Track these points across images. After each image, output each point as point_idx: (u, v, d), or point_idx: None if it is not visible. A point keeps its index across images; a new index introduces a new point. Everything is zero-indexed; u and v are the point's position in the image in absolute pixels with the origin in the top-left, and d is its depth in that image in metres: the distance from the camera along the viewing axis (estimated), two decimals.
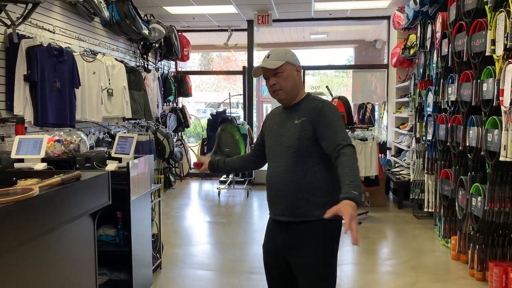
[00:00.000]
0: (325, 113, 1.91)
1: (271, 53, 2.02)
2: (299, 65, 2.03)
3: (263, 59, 2.03)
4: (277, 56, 1.98)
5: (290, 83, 1.98)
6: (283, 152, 1.97)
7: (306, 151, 1.92)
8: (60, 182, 2.11)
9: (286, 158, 1.95)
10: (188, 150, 8.39)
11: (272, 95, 2.04)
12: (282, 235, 2.00)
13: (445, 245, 4.33)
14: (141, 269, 3.24)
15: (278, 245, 2.03)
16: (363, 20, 7.55)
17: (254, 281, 3.62)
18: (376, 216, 5.56)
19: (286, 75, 1.97)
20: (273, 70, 1.97)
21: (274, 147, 2.03)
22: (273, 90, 2.01)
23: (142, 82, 5.69)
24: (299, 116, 1.96)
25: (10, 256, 1.74)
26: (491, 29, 3.15)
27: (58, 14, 4.41)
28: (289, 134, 1.96)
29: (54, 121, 3.91)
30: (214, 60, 20.22)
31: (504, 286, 3.16)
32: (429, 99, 4.76)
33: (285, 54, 2.00)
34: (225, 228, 5.25)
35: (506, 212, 3.14)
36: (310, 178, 1.91)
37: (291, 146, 1.94)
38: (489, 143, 3.17)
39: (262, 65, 2.00)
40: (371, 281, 3.62)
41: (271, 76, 1.99)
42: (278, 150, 2.00)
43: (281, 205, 1.98)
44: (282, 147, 1.97)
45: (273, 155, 2.03)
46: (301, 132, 1.92)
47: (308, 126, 1.92)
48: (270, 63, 1.97)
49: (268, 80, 2.02)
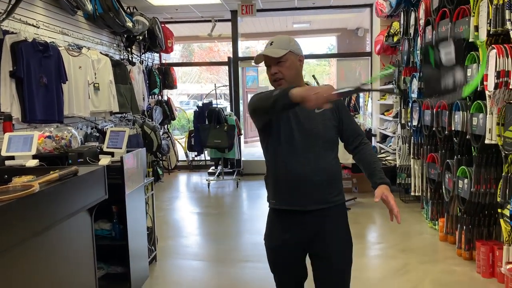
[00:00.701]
0: (343, 104, 2.01)
1: (275, 40, 1.95)
2: (302, 55, 1.98)
3: (266, 46, 1.96)
4: (281, 44, 1.92)
5: (292, 73, 1.93)
6: (311, 141, 1.92)
7: (332, 139, 1.96)
8: (58, 178, 2.11)
9: (317, 147, 1.92)
10: (175, 142, 8.37)
11: (272, 84, 1.97)
12: (306, 226, 1.94)
13: (432, 227, 4.46)
14: (137, 262, 3.26)
15: (300, 237, 1.96)
16: (346, 8, 7.59)
17: (249, 269, 3.68)
18: (364, 201, 5.67)
19: (289, 65, 1.91)
20: (276, 58, 1.90)
21: (294, 135, 1.92)
22: (275, 79, 1.94)
23: (128, 75, 5.65)
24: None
25: (11, 254, 1.74)
26: (474, 15, 3.23)
27: (40, 8, 4.34)
28: (314, 123, 1.92)
29: (42, 117, 3.87)
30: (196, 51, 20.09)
31: (491, 264, 3.28)
32: (413, 86, 4.85)
33: (289, 42, 1.94)
34: (216, 219, 5.29)
35: (492, 193, 3.25)
36: (335, 165, 1.98)
37: (320, 135, 1.93)
38: (474, 127, 3.26)
39: (264, 52, 1.92)
40: (363, 265, 3.72)
41: (273, 65, 1.92)
42: (302, 140, 1.91)
43: (308, 195, 1.92)
44: (309, 136, 1.92)
45: (295, 144, 1.92)
46: (326, 121, 1.94)
47: (332, 116, 1.95)
48: (273, 51, 1.90)
49: (269, 68, 1.94)
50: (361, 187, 6.11)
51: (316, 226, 1.95)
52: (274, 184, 2.00)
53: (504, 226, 2.91)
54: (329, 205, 1.95)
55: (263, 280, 3.38)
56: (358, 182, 6.10)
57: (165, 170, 7.87)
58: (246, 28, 9.47)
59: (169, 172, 8.06)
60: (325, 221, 1.96)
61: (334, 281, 1.98)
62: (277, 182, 1.98)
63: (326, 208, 1.94)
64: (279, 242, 1.99)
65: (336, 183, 1.98)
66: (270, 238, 2.04)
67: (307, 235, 1.95)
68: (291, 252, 1.98)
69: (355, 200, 5.64)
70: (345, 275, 2.01)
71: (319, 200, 1.93)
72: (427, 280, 3.34)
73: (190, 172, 8.35)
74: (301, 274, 2.07)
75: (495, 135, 2.93)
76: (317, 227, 1.95)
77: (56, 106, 3.99)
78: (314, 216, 1.94)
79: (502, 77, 2.82)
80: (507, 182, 2.83)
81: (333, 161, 1.98)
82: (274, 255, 2.03)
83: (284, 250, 1.98)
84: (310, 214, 1.94)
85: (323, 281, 1.99)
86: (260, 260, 3.73)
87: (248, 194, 6.56)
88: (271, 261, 2.05)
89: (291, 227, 1.96)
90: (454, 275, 3.41)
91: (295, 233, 1.95)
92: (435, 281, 3.32)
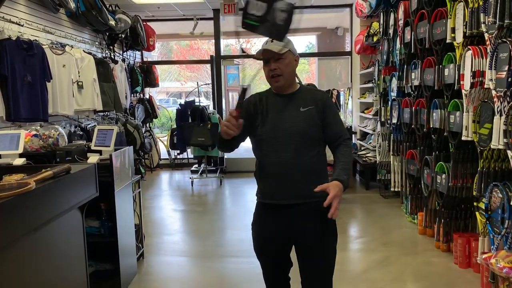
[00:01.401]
0: (330, 104, 2.09)
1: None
2: (298, 56, 2.09)
3: (265, 42, 2.01)
4: (281, 42, 1.99)
5: (290, 71, 2.03)
6: (290, 138, 2.00)
7: (313, 137, 2.03)
8: (52, 176, 2.14)
9: (295, 144, 2.00)
10: (157, 141, 8.36)
11: (270, 80, 2.04)
12: (287, 218, 2.04)
13: (411, 221, 4.62)
14: (126, 259, 3.30)
15: (282, 228, 2.05)
16: (326, 8, 7.72)
17: (236, 263, 3.75)
18: (345, 197, 5.80)
19: (288, 62, 2.01)
20: (277, 54, 1.98)
21: (278, 132, 2.02)
22: (273, 75, 2.01)
23: (111, 73, 5.64)
24: (305, 105, 2.03)
25: (5, 251, 1.75)
26: (451, 18, 3.37)
27: (23, 6, 4.30)
28: (296, 120, 2.02)
29: (27, 115, 3.85)
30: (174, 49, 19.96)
31: (467, 255, 3.44)
32: (393, 84, 5.01)
33: (288, 42, 2.01)
34: (201, 216, 5.35)
35: (468, 187, 3.41)
36: (316, 161, 2.04)
37: (300, 133, 2.01)
38: (451, 124, 3.41)
39: (268, 47, 1.98)
40: (346, 258, 3.84)
41: (273, 61, 2.00)
42: (282, 137, 2.01)
43: (289, 189, 2.02)
44: (289, 133, 2.01)
45: (277, 141, 2.02)
46: (310, 120, 2.02)
47: (317, 115, 2.03)
48: (276, 47, 1.97)
49: (268, 64, 2.01)
50: None
51: (297, 220, 2.03)
52: (259, 179, 2.15)
53: (480, 218, 3.06)
54: (311, 200, 1.99)
55: (248, 274, 3.48)
56: None
57: (147, 168, 7.85)
58: (227, 27, 9.50)
59: (151, 170, 8.05)
60: (307, 216, 2.03)
61: (317, 272, 2.09)
62: (261, 177, 2.12)
63: (308, 202, 2.01)
64: (262, 232, 2.13)
65: (318, 179, 1.98)
66: (255, 226, 2.18)
67: (289, 228, 2.05)
68: (273, 242, 2.10)
69: None
70: (328, 267, 2.10)
71: (299, 195, 2.01)
72: (407, 271, 3.48)
73: (172, 170, 8.36)
74: (285, 263, 2.18)
75: (471, 132, 3.08)
76: (298, 221, 2.04)
77: (40, 105, 3.98)
78: (295, 211, 2.03)
79: (478, 77, 2.97)
80: (482, 177, 2.98)
81: (314, 158, 2.05)
82: (258, 242, 2.16)
83: (267, 239, 2.11)
84: (291, 209, 2.03)
85: (307, 272, 2.10)
86: (245, 255, 3.85)
87: (232, 192, 6.63)
88: (256, 247, 2.18)
89: (274, 220, 2.08)
90: (433, 266, 3.56)
91: (277, 225, 2.07)
92: (415, 272, 3.46)
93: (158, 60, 10.66)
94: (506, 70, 2.50)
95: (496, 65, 2.63)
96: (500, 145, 2.60)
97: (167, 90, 21.12)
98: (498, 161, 2.93)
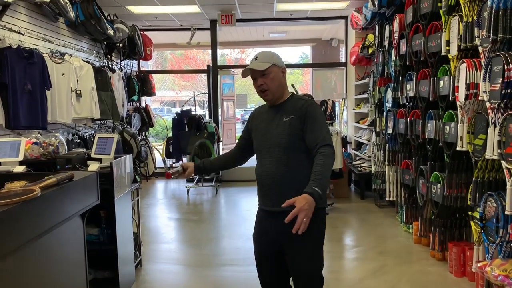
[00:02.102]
0: (311, 111, 2.11)
1: (259, 55, 2.17)
2: (284, 67, 2.21)
3: (251, 61, 2.18)
4: (265, 59, 2.15)
5: (276, 84, 2.15)
6: (274, 147, 2.12)
7: (295, 146, 2.10)
8: (56, 183, 2.17)
9: (277, 153, 2.11)
10: (153, 149, 8.37)
11: (260, 94, 2.20)
12: (274, 224, 2.13)
13: (407, 231, 4.67)
14: (125, 267, 3.31)
15: (271, 233, 2.17)
16: (322, 20, 7.84)
17: (233, 272, 3.77)
18: (341, 207, 5.85)
19: (273, 76, 2.14)
20: (261, 71, 2.12)
21: (263, 143, 2.18)
22: (260, 90, 2.17)
23: (109, 82, 5.68)
24: (287, 114, 2.13)
25: (8, 259, 1.75)
26: (446, 31, 3.46)
27: (23, 15, 4.34)
28: (279, 131, 2.12)
29: (26, 123, 3.87)
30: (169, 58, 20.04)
31: (462, 263, 3.49)
32: (388, 95, 5.08)
33: (272, 56, 2.17)
34: (197, 225, 5.36)
35: (463, 197, 3.47)
36: (299, 170, 2.09)
37: (281, 142, 2.10)
38: (446, 135, 3.48)
39: (251, 66, 2.15)
40: (342, 266, 3.88)
41: (259, 77, 2.15)
42: (268, 146, 2.15)
43: (273, 197, 2.13)
44: (272, 143, 2.13)
45: (263, 151, 2.18)
46: (290, 129, 2.10)
47: (297, 124, 2.10)
48: (259, 65, 2.13)
49: (256, 81, 2.17)
50: (337, 192, 6.30)
51: (282, 226, 2.02)
52: (257, 187, 2.27)
53: (474, 227, 3.11)
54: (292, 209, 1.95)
55: (244, 283, 3.51)
56: (335, 188, 6.29)
57: (143, 177, 7.86)
58: (223, 37, 9.60)
59: (147, 179, 8.05)
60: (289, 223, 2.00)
61: (303, 281, 2.15)
62: (257, 185, 2.26)
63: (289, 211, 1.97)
64: (258, 235, 2.27)
65: (301, 188, 1.92)
66: (254, 230, 2.31)
67: (277, 234, 2.14)
68: (267, 247, 2.21)
69: (332, 205, 5.81)
70: (309, 276, 2.14)
71: (280, 203, 1.99)
72: (403, 280, 3.52)
73: (167, 179, 8.36)
74: (281, 269, 2.23)
75: (465, 142, 3.15)
76: (285, 228, 2.02)
77: (40, 113, 4.00)
78: (280, 218, 2.03)
79: (472, 89, 3.04)
80: (476, 186, 3.04)
81: (299, 167, 2.08)
82: (255, 245, 2.29)
83: (262, 243, 2.24)
84: (280, 216, 2.02)
85: (295, 280, 2.19)
86: (241, 263, 3.88)
87: (227, 201, 6.65)
88: (254, 250, 2.29)
89: (266, 225, 2.21)
90: (428, 275, 3.60)
91: (269, 231, 2.19)
92: (411, 281, 3.50)
93: (155, 69, 10.69)
94: (500, 82, 2.57)
95: (490, 77, 2.70)
96: (494, 155, 2.66)
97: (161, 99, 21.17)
98: (493, 171, 2.99)
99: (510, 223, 2.60)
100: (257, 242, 2.27)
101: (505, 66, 2.50)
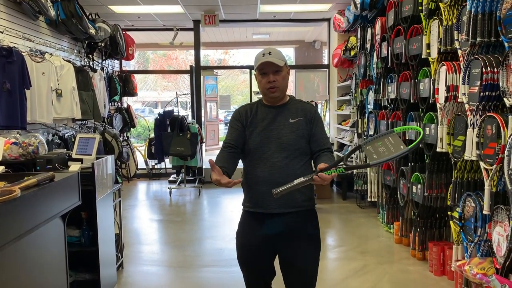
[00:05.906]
0: (318, 117, 2.16)
1: (272, 51, 2.08)
2: (289, 68, 2.20)
3: (264, 55, 2.06)
4: (279, 56, 2.07)
5: (285, 83, 2.13)
6: (280, 148, 2.07)
7: (302, 147, 2.09)
8: (37, 183, 2.13)
9: (284, 153, 2.06)
10: (135, 150, 8.30)
11: (266, 91, 2.10)
12: (274, 227, 2.08)
13: (388, 231, 4.73)
14: (106, 269, 3.27)
15: (267, 237, 2.09)
16: (305, 22, 7.89)
17: (216, 273, 3.76)
18: (323, 207, 5.90)
19: (284, 75, 2.11)
20: (274, 67, 2.05)
21: (266, 142, 2.09)
22: (270, 87, 2.07)
23: (90, 82, 5.60)
24: (294, 116, 2.10)
25: None
26: (426, 34, 3.53)
27: (2, 12, 4.25)
28: (286, 131, 2.08)
29: (5, 123, 3.79)
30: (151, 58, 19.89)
31: (442, 262, 3.56)
32: (370, 97, 5.15)
33: (284, 56, 2.12)
34: (180, 226, 5.33)
35: (443, 197, 3.54)
36: (304, 171, 2.05)
37: (290, 143, 2.07)
38: (427, 136, 3.54)
39: (270, 59, 2.03)
40: (325, 266, 3.90)
41: (271, 73, 2.06)
42: (273, 146, 2.08)
43: (276, 198, 1.97)
44: (279, 143, 2.07)
45: (266, 151, 2.08)
46: (299, 131, 2.09)
47: (305, 126, 2.10)
48: (277, 60, 2.05)
49: (266, 76, 2.07)
50: (320, 193, 6.33)
51: (282, 228, 2.08)
52: (247, 189, 2.18)
53: (454, 227, 3.17)
54: (296, 209, 2.07)
55: (227, 284, 3.50)
56: (317, 189, 6.32)
57: (124, 178, 7.77)
58: (206, 37, 9.57)
59: (128, 180, 7.97)
60: (292, 224, 2.08)
61: (300, 282, 2.13)
62: (250, 187, 2.15)
63: (293, 212, 2.07)
64: (248, 240, 2.16)
65: (305, 189, 2.02)
66: (240, 236, 2.20)
67: (273, 236, 2.09)
68: (258, 251, 2.14)
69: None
70: (310, 277, 2.15)
71: (284, 204, 2.05)
72: (384, 279, 3.56)
73: (149, 180, 8.30)
74: (268, 272, 2.22)
75: (445, 143, 3.21)
76: (283, 230, 2.08)
77: (19, 113, 3.92)
78: (280, 219, 2.07)
79: (451, 91, 3.11)
80: (456, 187, 3.10)
81: (302, 168, 2.09)
82: (243, 252, 2.19)
83: (252, 248, 2.14)
84: (277, 217, 2.08)
85: (290, 282, 2.15)
86: (224, 265, 3.89)
87: (210, 202, 6.63)
88: (240, 257, 2.20)
89: (259, 228, 2.11)
90: (409, 274, 3.66)
91: (263, 234, 2.10)
92: (392, 280, 3.55)
93: (137, 69, 10.60)
94: (478, 85, 2.63)
95: (469, 80, 2.76)
96: (473, 156, 2.73)
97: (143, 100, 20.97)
98: (471, 172, 3.06)
99: (488, 223, 2.66)
100: (250, 245, 2.15)
101: (483, 69, 2.56)
